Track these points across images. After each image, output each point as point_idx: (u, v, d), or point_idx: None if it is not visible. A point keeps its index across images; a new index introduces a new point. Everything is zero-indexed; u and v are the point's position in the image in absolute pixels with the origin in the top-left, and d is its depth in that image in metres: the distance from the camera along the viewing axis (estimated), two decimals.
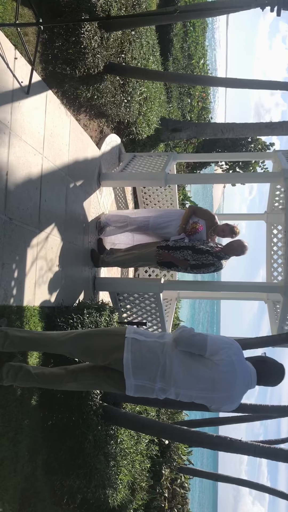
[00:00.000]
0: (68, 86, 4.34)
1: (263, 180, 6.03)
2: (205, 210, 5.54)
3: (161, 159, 6.38)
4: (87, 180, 5.20)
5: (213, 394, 2.96)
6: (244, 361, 3.04)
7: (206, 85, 11.51)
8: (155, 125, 7.82)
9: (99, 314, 4.54)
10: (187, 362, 2.96)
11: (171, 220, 5.48)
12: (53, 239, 4.25)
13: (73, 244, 4.80)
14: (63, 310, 4.33)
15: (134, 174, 5.78)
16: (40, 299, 4.00)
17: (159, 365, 2.95)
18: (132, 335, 3.04)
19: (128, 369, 2.96)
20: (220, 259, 5.18)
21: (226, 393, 2.97)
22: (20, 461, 3.55)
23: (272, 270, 7.17)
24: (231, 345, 3.00)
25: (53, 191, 4.25)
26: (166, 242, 5.33)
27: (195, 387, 2.96)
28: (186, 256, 5.19)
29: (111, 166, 6.18)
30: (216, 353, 2.93)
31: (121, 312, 5.86)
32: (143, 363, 2.96)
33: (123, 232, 5.71)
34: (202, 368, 2.94)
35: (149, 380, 2.98)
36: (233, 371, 2.92)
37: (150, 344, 3.02)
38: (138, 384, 3.00)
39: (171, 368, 2.94)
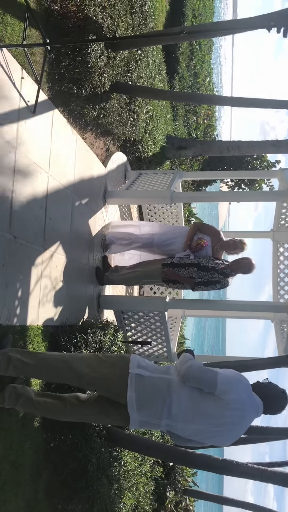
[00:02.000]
0: (74, 105, 4.35)
1: (269, 199, 6.00)
2: (210, 226, 5.50)
3: (166, 177, 6.38)
4: (92, 197, 5.19)
5: (220, 428, 2.92)
6: (252, 395, 3.00)
7: (211, 104, 11.58)
8: (161, 143, 7.85)
9: (103, 334, 4.49)
10: (196, 398, 2.90)
11: (176, 237, 5.45)
12: (57, 257, 4.23)
13: (78, 262, 4.77)
14: (67, 329, 4.28)
15: (139, 191, 5.77)
16: (44, 318, 3.96)
17: (164, 403, 2.89)
18: (136, 370, 2.96)
19: (132, 406, 2.91)
20: (226, 276, 5.13)
21: (234, 427, 2.95)
22: (21, 485, 3.47)
23: (279, 288, 7.11)
24: (241, 382, 2.97)
25: (59, 210, 4.24)
26: (171, 259, 5.29)
27: (205, 423, 2.91)
28: (191, 274, 5.15)
29: (117, 184, 6.18)
30: (227, 392, 2.88)
31: (126, 330, 5.80)
32: (147, 401, 2.90)
33: (129, 249, 5.68)
34: (212, 405, 2.89)
35: (154, 417, 2.93)
36: (243, 409, 2.90)
37: (155, 381, 2.95)
38: (143, 420, 2.96)
39: (179, 405, 2.88)
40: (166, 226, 5.75)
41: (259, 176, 7.32)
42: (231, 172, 10.22)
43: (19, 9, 3.45)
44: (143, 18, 5.78)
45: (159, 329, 5.67)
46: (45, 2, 3.92)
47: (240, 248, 5.41)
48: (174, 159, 9.34)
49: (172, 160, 9.28)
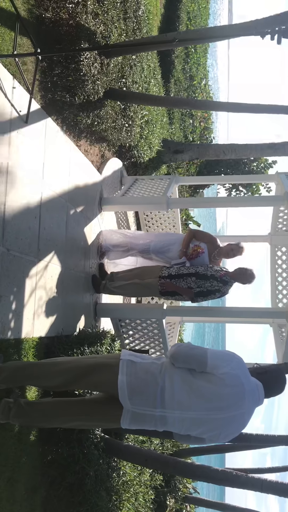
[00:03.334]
0: (67, 113, 4.31)
1: (266, 204, 5.96)
2: (206, 234, 5.46)
3: (163, 182, 6.34)
4: (88, 205, 5.14)
5: (222, 414, 2.71)
6: (248, 375, 2.82)
7: (207, 109, 11.52)
8: (157, 147, 7.80)
9: (100, 343, 4.44)
10: (189, 380, 2.75)
11: (172, 244, 5.40)
12: (52, 268, 4.18)
13: (73, 271, 4.72)
14: (63, 340, 4.23)
15: (135, 198, 5.73)
16: (39, 330, 3.91)
17: (157, 387, 2.74)
18: (127, 357, 2.88)
19: (124, 393, 2.76)
20: (225, 284, 5.07)
21: (236, 411, 2.72)
22: (17, 501, 3.41)
23: (277, 292, 7.06)
24: (234, 357, 2.81)
25: (53, 219, 4.19)
26: (168, 271, 5.21)
27: (203, 408, 2.71)
28: (189, 284, 5.07)
29: (112, 190, 6.14)
30: (218, 367, 2.72)
31: (123, 338, 5.75)
32: (139, 386, 2.76)
33: (126, 256, 5.63)
34: (207, 385, 2.71)
35: (148, 406, 2.76)
36: (239, 384, 2.71)
37: (147, 365, 2.84)
38: (136, 412, 2.78)
39: (172, 389, 2.73)
40: (162, 234, 5.70)
41: (255, 180, 7.26)
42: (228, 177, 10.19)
43: (9, 18, 3.40)
44: (137, 23, 5.73)
45: (157, 336, 5.62)
46: (37, 10, 3.88)
47: (238, 253, 5.37)
48: (170, 163, 9.30)
49: (169, 164, 9.24)
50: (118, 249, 5.57)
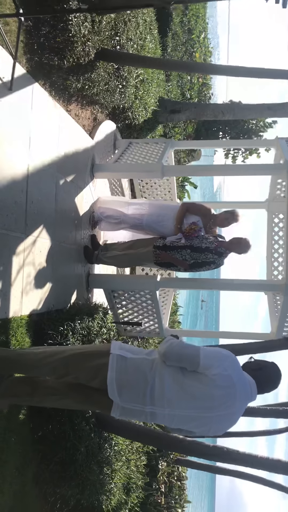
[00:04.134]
0: (56, 77, 4.03)
1: (265, 173, 5.73)
2: (199, 206, 5.27)
3: (158, 146, 6.07)
4: (79, 173, 4.93)
5: (211, 413, 2.68)
6: (241, 373, 2.77)
7: (205, 73, 11.04)
8: (153, 107, 7.48)
9: (91, 318, 4.35)
10: (180, 379, 2.69)
11: (166, 218, 5.20)
12: (41, 242, 4.02)
13: (64, 243, 4.57)
14: (53, 316, 4.13)
15: (128, 165, 5.49)
16: (28, 308, 3.79)
17: (147, 385, 2.68)
18: (117, 351, 2.77)
19: (113, 389, 2.69)
20: (220, 255, 4.95)
21: (226, 411, 2.69)
22: (7, 481, 3.40)
23: (273, 260, 6.94)
24: (227, 357, 2.74)
25: (41, 192, 3.99)
26: (163, 241, 5.08)
27: (192, 406, 2.67)
28: (184, 256, 4.96)
29: (105, 155, 5.90)
30: (210, 367, 2.65)
31: (116, 308, 5.67)
32: (129, 383, 2.69)
33: (118, 229, 5.47)
34: (197, 385, 2.66)
35: (137, 403, 2.71)
36: (231, 385, 2.66)
37: (138, 362, 2.75)
38: (125, 407, 2.74)
39: (162, 387, 2.67)
40: (155, 205, 5.48)
41: (254, 145, 6.99)
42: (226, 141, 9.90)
43: None
44: None
45: (150, 306, 5.54)
46: None
47: (234, 220, 5.21)
48: (167, 123, 8.98)
49: (165, 124, 8.92)
50: (110, 220, 5.39)
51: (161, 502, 6.21)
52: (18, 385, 3.05)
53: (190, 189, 11.94)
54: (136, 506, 5.49)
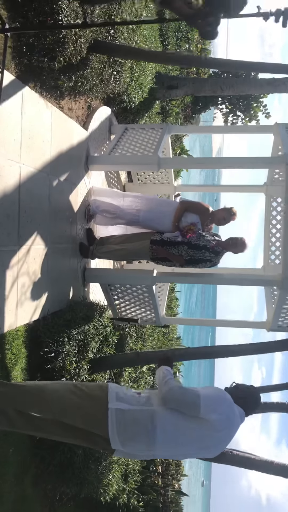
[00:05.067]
0: (47, 78, 3.87)
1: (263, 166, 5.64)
2: (198, 204, 5.20)
3: (154, 133, 5.92)
4: (73, 170, 4.82)
5: (210, 448, 2.88)
6: (235, 409, 2.88)
7: (209, 67, 10.58)
8: (150, 85, 7.23)
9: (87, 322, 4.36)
10: (180, 423, 2.76)
11: (163, 215, 5.13)
12: (35, 249, 3.97)
13: (59, 244, 4.52)
14: (48, 322, 4.13)
15: (123, 157, 5.35)
16: (23, 318, 3.79)
17: (149, 436, 2.73)
18: (115, 405, 2.76)
19: (116, 442, 2.74)
20: (217, 254, 4.93)
21: (224, 443, 2.87)
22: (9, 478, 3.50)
23: (270, 244, 6.90)
24: (224, 400, 2.84)
25: (34, 198, 3.91)
26: (161, 236, 5.04)
27: (193, 447, 2.85)
28: (181, 252, 4.93)
29: (100, 143, 5.75)
30: (211, 412, 2.74)
31: (113, 300, 5.68)
32: (130, 435, 2.74)
33: (113, 224, 5.40)
34: (197, 428, 2.76)
35: (140, 450, 2.83)
36: (230, 426, 2.80)
37: (137, 414, 2.77)
38: (128, 453, 2.89)
39: (164, 436, 2.74)
40: (152, 200, 5.39)
41: (252, 131, 6.74)
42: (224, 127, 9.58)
43: None
44: None
45: (147, 298, 5.55)
46: None
47: (231, 219, 5.18)
48: (164, 100, 8.73)
49: (163, 100, 8.67)
50: (105, 215, 5.32)
51: (158, 482, 6.43)
52: None
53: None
54: (134, 490, 5.68)
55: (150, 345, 7.44)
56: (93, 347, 4.47)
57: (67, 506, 4.53)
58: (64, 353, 3.96)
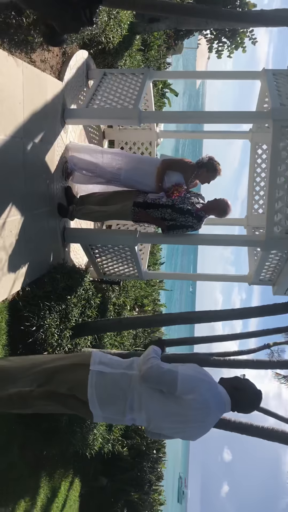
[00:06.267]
0: (16, 35, 3.50)
1: (250, 121, 5.38)
2: (180, 162, 5.01)
3: (135, 79, 5.53)
4: (48, 128, 4.53)
5: (185, 425, 2.84)
6: (217, 393, 2.84)
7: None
8: (130, 19, 6.70)
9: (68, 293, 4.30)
10: (157, 397, 2.78)
11: (145, 173, 4.92)
12: (11, 222, 3.80)
13: (36, 210, 4.34)
14: (28, 294, 4.05)
15: (102, 110, 5.02)
16: (1, 294, 3.70)
17: (126, 401, 2.79)
18: (97, 367, 2.83)
19: (94, 403, 2.79)
20: (199, 220, 4.82)
21: (199, 424, 2.84)
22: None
23: (254, 193, 6.77)
24: (203, 381, 2.80)
25: (6, 169, 3.68)
26: (144, 197, 4.87)
27: (167, 420, 2.83)
28: (164, 215, 4.79)
29: (77, 91, 5.38)
30: (188, 393, 2.73)
31: (95, 257, 5.59)
32: (108, 399, 2.79)
33: (93, 183, 5.18)
34: (173, 405, 2.77)
35: (117, 415, 2.86)
36: (207, 407, 2.77)
37: (117, 377, 2.82)
38: (106, 416, 2.89)
39: (139, 402, 2.79)
40: (133, 158, 5.14)
41: (238, 77, 6.31)
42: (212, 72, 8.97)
43: None
44: None
45: (129, 257, 5.47)
46: None
47: (217, 175, 5.03)
48: (145, 34, 8.15)
49: (143, 34, 8.09)
50: (84, 173, 5.09)
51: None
52: None
53: (171, 96, 11.19)
54: (118, 437, 5.92)
55: (133, 296, 7.47)
56: (75, 314, 4.44)
57: (56, 464, 4.71)
58: (45, 326, 3.93)
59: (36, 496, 4.61)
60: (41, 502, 4.78)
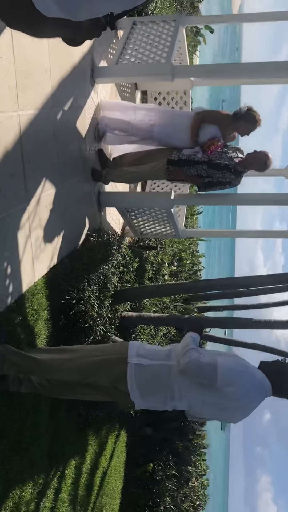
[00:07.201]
0: None
1: None
2: (215, 113, 4.73)
3: (167, 27, 5.19)
4: (78, 91, 4.35)
5: (225, 412, 2.89)
6: (258, 382, 2.81)
7: None
8: None
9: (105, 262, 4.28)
10: (196, 388, 2.81)
11: (179, 129, 4.70)
12: (45, 196, 3.75)
13: (69, 180, 4.26)
14: (67, 266, 4.06)
15: (132, 66, 4.77)
16: (40, 271, 3.72)
17: (167, 391, 2.84)
18: (135, 360, 2.85)
19: (135, 394, 2.86)
20: (238, 175, 4.62)
21: (239, 410, 2.87)
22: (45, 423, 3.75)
23: None
24: (244, 372, 2.78)
25: (38, 143, 3.58)
26: (178, 155, 4.68)
27: (207, 408, 2.89)
28: (200, 172, 4.62)
29: (107, 46, 5.12)
30: (228, 385, 2.72)
31: (132, 219, 5.52)
32: (149, 390, 2.85)
33: (126, 143, 5.01)
34: (213, 396, 2.78)
35: (158, 403, 2.92)
36: (247, 398, 2.78)
37: (156, 368, 2.84)
38: (148, 405, 2.96)
39: (180, 392, 2.83)
40: (166, 113, 4.91)
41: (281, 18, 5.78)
42: None
43: None
44: None
45: (166, 218, 5.38)
46: None
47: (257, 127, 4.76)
48: None
49: None
50: (116, 133, 4.92)
51: None
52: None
53: (205, 33, 10.55)
54: None
55: (171, 251, 7.42)
56: (114, 282, 4.44)
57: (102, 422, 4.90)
58: (85, 298, 3.95)
59: (85, 453, 4.87)
60: (90, 457, 5.04)
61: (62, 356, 3.00)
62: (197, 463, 8.42)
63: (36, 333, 3.62)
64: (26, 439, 3.42)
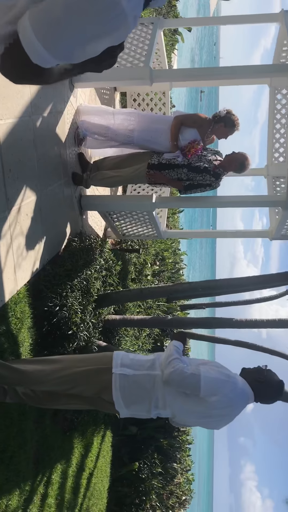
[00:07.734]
0: None
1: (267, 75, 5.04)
2: (194, 116, 4.78)
3: (145, 30, 5.20)
4: (56, 97, 4.34)
5: (209, 420, 2.95)
6: (241, 390, 2.90)
7: None
8: None
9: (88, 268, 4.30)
10: (180, 398, 2.87)
11: (159, 133, 4.73)
12: (26, 205, 3.74)
13: (50, 186, 4.26)
14: (49, 273, 4.07)
15: (111, 71, 4.71)
16: (23, 279, 3.72)
17: (151, 400, 2.89)
18: (119, 370, 2.88)
19: (120, 404, 2.91)
20: (218, 177, 4.68)
21: (222, 417, 2.93)
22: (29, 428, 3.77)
23: (274, 141, 6.50)
24: (227, 382, 2.85)
25: (18, 152, 3.57)
26: (158, 159, 4.72)
27: (191, 416, 2.95)
28: (180, 175, 4.67)
29: None
30: (211, 395, 2.79)
31: (114, 222, 5.53)
32: (133, 399, 2.89)
33: (106, 147, 5.02)
34: (197, 405, 2.85)
35: (142, 411, 2.97)
36: (230, 406, 2.86)
37: (140, 378, 2.89)
38: (132, 413, 3.00)
39: (164, 401, 2.89)
40: (146, 117, 4.92)
41: (255, 21, 5.80)
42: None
43: None
44: None
45: (148, 220, 5.40)
46: None
47: (236, 129, 4.82)
48: None
49: None
50: (96, 137, 4.92)
51: None
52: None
53: (183, 31, 10.56)
54: None
55: (153, 251, 7.46)
56: (97, 286, 4.46)
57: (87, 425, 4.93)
58: (68, 305, 3.97)
59: (71, 456, 4.89)
60: (76, 460, 5.07)
61: (46, 367, 3.01)
62: (182, 459, 8.52)
63: (20, 342, 3.63)
64: (11, 447, 3.43)
